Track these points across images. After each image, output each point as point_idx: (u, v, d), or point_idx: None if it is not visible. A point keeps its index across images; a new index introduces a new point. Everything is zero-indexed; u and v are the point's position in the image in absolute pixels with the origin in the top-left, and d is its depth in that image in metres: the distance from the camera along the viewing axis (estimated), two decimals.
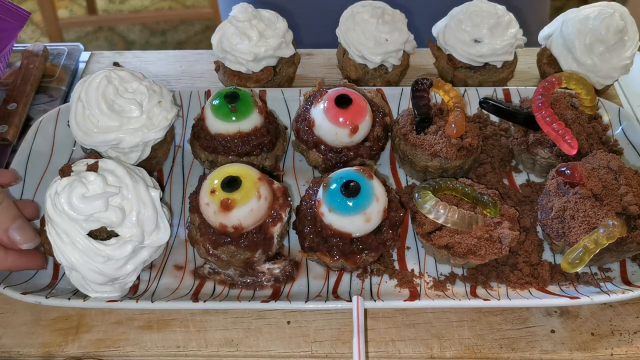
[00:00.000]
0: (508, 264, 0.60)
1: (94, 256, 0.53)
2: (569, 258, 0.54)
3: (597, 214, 0.56)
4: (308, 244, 0.58)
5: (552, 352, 0.54)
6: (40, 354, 0.55)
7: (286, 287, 0.59)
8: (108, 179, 0.54)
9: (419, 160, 0.65)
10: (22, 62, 0.84)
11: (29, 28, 2.23)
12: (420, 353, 0.55)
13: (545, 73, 0.80)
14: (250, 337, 0.56)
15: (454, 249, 0.57)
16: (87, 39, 2.22)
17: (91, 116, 0.63)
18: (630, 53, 0.75)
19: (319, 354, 0.55)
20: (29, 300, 0.55)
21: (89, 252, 0.53)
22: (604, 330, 0.56)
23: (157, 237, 0.56)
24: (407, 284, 0.59)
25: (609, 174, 0.58)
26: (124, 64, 0.87)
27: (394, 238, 0.58)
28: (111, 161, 0.56)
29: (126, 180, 0.55)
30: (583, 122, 0.66)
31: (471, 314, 0.57)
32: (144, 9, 2.34)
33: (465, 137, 0.64)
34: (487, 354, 0.54)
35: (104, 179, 0.54)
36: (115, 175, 0.55)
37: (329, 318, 0.57)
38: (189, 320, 0.57)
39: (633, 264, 0.61)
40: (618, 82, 0.82)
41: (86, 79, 0.64)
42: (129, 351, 0.55)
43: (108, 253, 0.53)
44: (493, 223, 0.59)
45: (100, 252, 0.53)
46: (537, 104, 0.63)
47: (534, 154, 0.66)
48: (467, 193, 0.60)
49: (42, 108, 0.81)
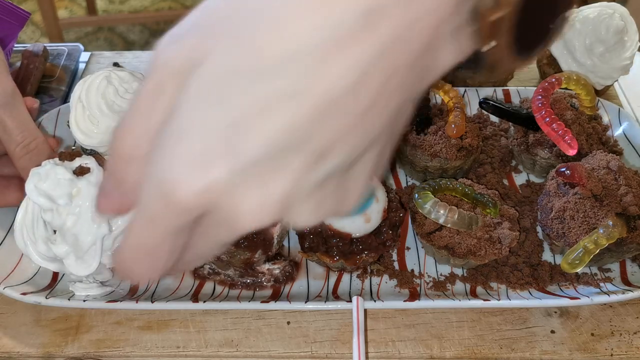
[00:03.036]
0: (508, 264, 0.60)
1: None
2: (569, 258, 0.54)
3: (597, 215, 0.56)
4: (308, 245, 0.58)
5: (552, 353, 0.54)
6: (40, 354, 0.55)
7: (286, 287, 0.59)
8: (72, 191, 0.54)
9: (419, 160, 0.65)
10: (22, 62, 0.84)
11: (29, 28, 2.23)
12: (420, 353, 0.55)
13: (545, 73, 0.80)
14: (250, 337, 0.56)
15: (454, 249, 0.57)
16: (87, 39, 2.22)
17: (91, 117, 0.63)
18: (630, 53, 0.75)
19: (319, 354, 0.55)
20: (29, 300, 0.55)
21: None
22: (604, 331, 0.56)
23: (76, 267, 0.54)
24: (407, 284, 0.59)
25: (608, 175, 0.58)
26: (123, 65, 0.87)
27: (394, 238, 0.58)
28: (93, 181, 0.54)
29: (79, 202, 0.53)
30: (583, 123, 0.66)
31: (471, 314, 0.57)
32: (144, 9, 2.34)
33: (465, 138, 0.64)
34: (487, 354, 0.54)
35: (67, 186, 0.53)
36: (80, 194, 0.54)
37: (328, 318, 0.57)
38: (188, 321, 0.57)
39: (633, 264, 0.61)
40: (618, 82, 0.82)
41: (86, 80, 0.64)
42: (128, 351, 0.55)
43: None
44: (493, 223, 0.59)
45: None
46: (537, 105, 0.63)
47: (534, 154, 0.66)
48: (467, 193, 0.60)
49: (42, 108, 0.80)
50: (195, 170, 0.24)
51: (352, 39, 0.23)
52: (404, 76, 0.24)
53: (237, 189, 0.25)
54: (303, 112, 0.23)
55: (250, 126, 0.23)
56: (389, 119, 0.26)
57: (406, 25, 0.23)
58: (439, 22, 0.24)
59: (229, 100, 0.24)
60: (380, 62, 0.23)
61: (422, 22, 0.23)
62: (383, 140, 0.28)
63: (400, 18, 0.23)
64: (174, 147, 0.25)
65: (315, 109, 0.23)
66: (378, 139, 0.27)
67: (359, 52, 0.23)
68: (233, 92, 0.24)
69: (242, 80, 0.23)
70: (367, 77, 0.23)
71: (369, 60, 0.23)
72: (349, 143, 0.25)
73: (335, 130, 0.24)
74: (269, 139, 0.24)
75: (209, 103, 0.24)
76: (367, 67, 0.23)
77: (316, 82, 0.23)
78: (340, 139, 0.25)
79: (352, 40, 0.23)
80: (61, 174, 0.53)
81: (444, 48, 0.25)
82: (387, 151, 0.29)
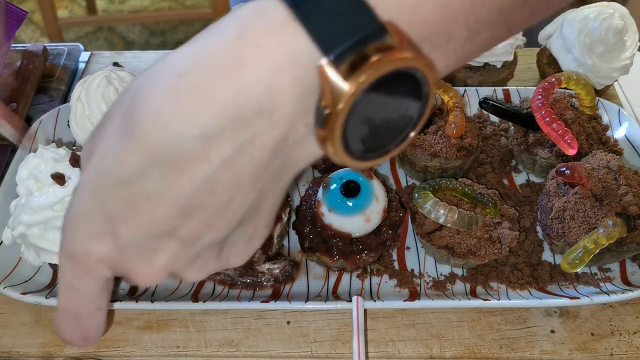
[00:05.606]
0: (508, 264, 0.60)
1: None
2: (569, 258, 0.54)
3: (597, 214, 0.56)
4: (308, 244, 0.58)
5: (552, 352, 0.54)
6: (40, 354, 0.55)
7: (286, 287, 0.59)
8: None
9: (419, 160, 0.65)
10: (22, 62, 0.84)
11: (28, 28, 2.23)
12: (420, 353, 0.55)
13: (545, 73, 0.80)
14: (250, 337, 0.56)
15: (454, 249, 0.57)
16: (87, 39, 2.22)
17: (91, 116, 0.63)
18: (630, 53, 0.75)
19: (319, 354, 0.55)
20: (29, 300, 0.55)
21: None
22: (603, 331, 0.56)
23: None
24: (407, 284, 0.59)
25: (608, 174, 0.58)
26: (123, 64, 0.87)
27: (394, 238, 0.58)
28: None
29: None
30: (583, 122, 0.66)
31: (471, 314, 0.57)
32: (144, 9, 2.34)
33: (465, 137, 0.64)
34: (486, 354, 0.54)
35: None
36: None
37: (328, 318, 0.57)
38: (188, 321, 0.57)
39: (633, 264, 0.61)
40: (618, 82, 0.82)
41: (86, 79, 0.64)
42: (128, 351, 0.55)
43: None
44: (493, 223, 0.59)
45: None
46: (537, 104, 0.63)
47: (533, 154, 0.66)
48: (467, 193, 0.60)
49: (42, 108, 0.80)
50: (91, 244, 0.30)
51: (194, 157, 0.27)
52: (256, 176, 0.28)
53: (128, 259, 0.30)
54: (163, 210, 0.28)
55: (123, 218, 0.29)
56: (253, 204, 0.30)
57: (245, 140, 0.26)
58: (282, 132, 0.27)
59: (102, 197, 0.29)
60: (223, 170, 0.27)
61: (263, 135, 0.27)
62: (255, 215, 0.32)
63: (236, 137, 0.26)
64: (75, 226, 0.31)
65: (173, 207, 0.28)
66: (248, 219, 0.31)
67: (201, 167, 0.27)
68: (105, 191, 0.28)
69: (112, 181, 0.28)
70: (212, 184, 0.27)
71: (210, 172, 0.27)
72: (215, 229, 0.30)
73: (199, 222, 0.29)
74: (139, 230, 0.29)
75: (90, 196, 0.29)
76: (211, 177, 0.27)
77: (169, 188, 0.27)
78: (205, 228, 0.29)
79: (194, 157, 0.27)
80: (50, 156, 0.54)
81: (302, 144, 0.28)
82: (264, 218, 0.33)
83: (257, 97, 0.26)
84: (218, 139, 0.26)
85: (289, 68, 0.25)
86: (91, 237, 0.30)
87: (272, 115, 0.26)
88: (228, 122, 0.26)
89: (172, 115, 0.26)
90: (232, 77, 0.25)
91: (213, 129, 0.26)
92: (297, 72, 0.26)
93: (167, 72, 0.27)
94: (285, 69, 0.25)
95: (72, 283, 0.32)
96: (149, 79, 0.27)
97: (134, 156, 0.27)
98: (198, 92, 0.26)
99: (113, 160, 0.28)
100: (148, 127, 0.26)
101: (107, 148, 0.29)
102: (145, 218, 0.28)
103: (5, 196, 0.62)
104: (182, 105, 0.26)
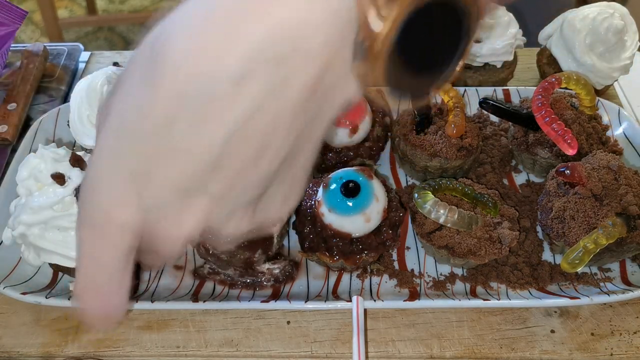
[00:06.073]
0: (508, 264, 0.60)
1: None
2: (569, 258, 0.54)
3: (597, 214, 0.56)
4: (308, 244, 0.58)
5: (552, 352, 0.54)
6: (40, 354, 0.55)
7: (286, 287, 0.59)
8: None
9: (419, 160, 0.65)
10: (21, 62, 0.84)
11: (28, 28, 2.23)
12: (420, 353, 0.55)
13: (545, 73, 0.80)
14: (250, 337, 0.56)
15: (454, 249, 0.57)
16: (87, 39, 2.22)
17: (91, 116, 0.63)
18: (630, 53, 0.75)
19: (319, 354, 0.55)
20: (28, 300, 0.55)
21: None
22: (603, 330, 0.56)
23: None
24: (407, 284, 0.59)
25: (608, 174, 0.58)
26: (123, 64, 0.87)
27: (394, 238, 0.58)
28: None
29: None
30: (583, 122, 0.66)
31: (471, 314, 0.57)
32: (143, 9, 2.34)
33: (465, 137, 0.64)
34: (487, 354, 0.54)
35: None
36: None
37: (328, 318, 0.57)
38: (188, 321, 0.57)
39: (633, 264, 0.61)
40: (618, 82, 0.82)
41: (86, 79, 0.64)
42: (128, 351, 0.55)
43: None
44: (493, 223, 0.59)
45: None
46: (537, 104, 0.63)
47: (533, 154, 0.66)
48: (467, 193, 0.60)
49: (42, 108, 0.80)
50: (113, 208, 0.27)
51: (225, 100, 0.24)
52: (292, 120, 0.26)
53: (155, 222, 0.28)
54: (192, 164, 0.26)
55: (148, 176, 0.26)
56: (289, 155, 0.28)
57: (280, 80, 0.24)
58: (318, 71, 0.25)
59: (124, 156, 0.27)
60: (257, 114, 0.25)
61: (299, 74, 0.25)
62: (290, 169, 0.30)
63: (270, 76, 0.24)
64: (95, 191, 0.28)
65: (203, 159, 0.26)
66: (283, 175, 0.29)
67: (233, 110, 0.25)
68: (127, 149, 0.26)
69: (134, 137, 0.26)
70: (245, 130, 0.25)
71: (243, 115, 0.25)
72: (249, 184, 0.28)
73: (231, 175, 0.27)
74: (167, 187, 0.27)
75: (110, 158, 0.27)
76: (244, 121, 0.25)
77: (199, 137, 0.25)
78: (238, 182, 0.27)
79: (224, 101, 0.24)
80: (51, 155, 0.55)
81: (338, 87, 0.27)
82: (299, 174, 0.31)
83: (292, 32, 0.24)
84: (251, 78, 0.24)
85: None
86: (113, 201, 0.27)
87: (308, 51, 0.24)
88: (261, 59, 0.24)
89: (200, 54, 0.24)
90: (264, 11, 0.24)
91: (245, 68, 0.24)
92: (333, 3, 0.24)
93: (193, 9, 0.25)
94: (321, 0, 0.24)
95: (92, 253, 0.29)
96: (173, 19, 0.25)
97: (158, 105, 0.25)
98: (228, 28, 0.24)
99: (135, 114, 0.26)
100: (174, 69, 0.24)
101: (127, 104, 0.26)
102: (173, 174, 0.26)
103: (5, 196, 0.62)
104: (212, 43, 0.24)
